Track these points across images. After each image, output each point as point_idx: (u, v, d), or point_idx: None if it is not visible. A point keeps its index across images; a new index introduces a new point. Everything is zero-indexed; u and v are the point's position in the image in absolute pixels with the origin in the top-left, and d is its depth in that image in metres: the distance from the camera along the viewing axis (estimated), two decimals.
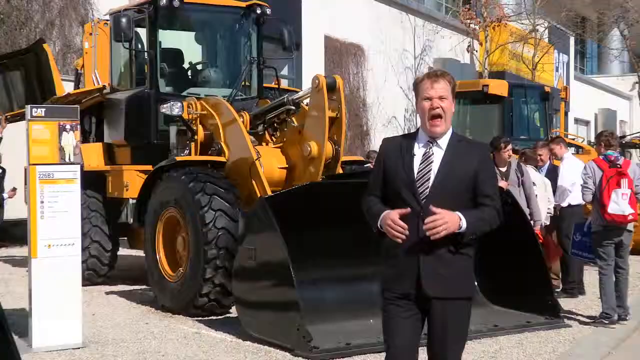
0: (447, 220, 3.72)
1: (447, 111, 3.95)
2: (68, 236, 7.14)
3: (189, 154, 9.70)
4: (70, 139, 7.13)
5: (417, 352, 4.00)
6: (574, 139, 18.74)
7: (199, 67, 11.21)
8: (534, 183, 9.60)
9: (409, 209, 3.83)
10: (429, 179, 3.90)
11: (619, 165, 8.57)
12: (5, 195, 11.59)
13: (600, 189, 8.44)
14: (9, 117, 12.19)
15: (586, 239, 8.93)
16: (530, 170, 9.86)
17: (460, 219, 3.76)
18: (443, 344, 3.95)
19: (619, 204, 8.35)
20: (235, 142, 9.33)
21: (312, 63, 21.92)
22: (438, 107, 3.92)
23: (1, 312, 6.57)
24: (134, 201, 9.81)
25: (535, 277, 8.30)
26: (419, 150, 3.98)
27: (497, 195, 3.99)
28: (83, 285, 7.53)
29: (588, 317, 8.80)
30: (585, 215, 9.93)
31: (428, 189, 3.87)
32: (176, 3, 10.20)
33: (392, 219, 3.84)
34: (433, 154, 3.95)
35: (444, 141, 3.98)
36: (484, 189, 3.93)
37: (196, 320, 8.40)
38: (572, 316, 8.66)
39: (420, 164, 3.94)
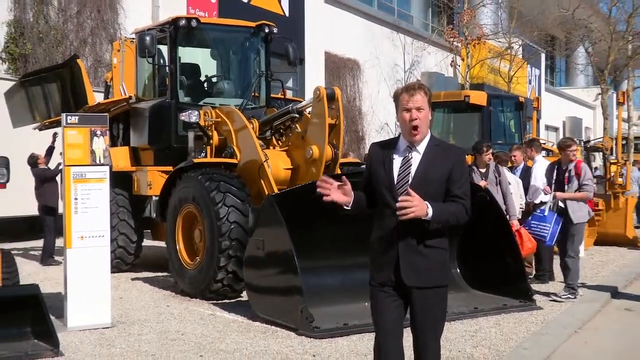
0: (417, 204, 3.69)
1: (424, 120, 3.90)
2: (98, 229, 7.14)
3: (205, 156, 9.69)
4: (101, 143, 7.13)
5: (402, 332, 4.00)
6: (544, 143, 18.68)
7: (214, 79, 11.19)
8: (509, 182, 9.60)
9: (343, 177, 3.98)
10: (407, 181, 3.87)
11: None
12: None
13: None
14: (47, 123, 12.19)
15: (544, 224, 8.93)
16: (503, 170, 9.85)
17: (428, 207, 3.73)
18: (424, 327, 3.94)
19: None
20: (245, 146, 9.31)
21: (314, 76, 21.94)
22: (416, 118, 3.87)
23: (41, 296, 6.61)
24: (157, 198, 9.81)
25: (510, 265, 8.29)
26: (399, 155, 3.95)
27: (466, 196, 3.92)
28: (111, 272, 7.52)
29: (554, 293, 8.86)
30: None
31: (407, 191, 3.83)
32: (194, 23, 10.20)
33: (322, 178, 3.93)
34: (412, 158, 3.91)
35: (422, 146, 3.94)
36: (455, 189, 3.88)
37: (211, 303, 8.40)
38: (544, 300, 8.65)
39: (400, 167, 3.91)
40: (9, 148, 10.33)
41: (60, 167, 11.49)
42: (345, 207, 3.97)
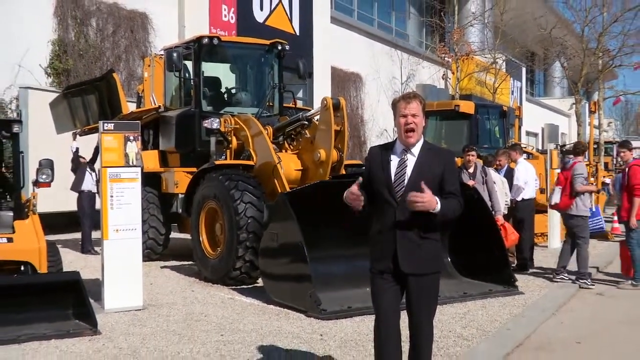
0: (428, 199, 3.68)
1: (419, 125, 3.89)
2: (131, 223, 7.15)
3: (225, 159, 9.70)
4: (133, 147, 7.14)
5: (399, 314, 3.99)
6: (525, 147, 18.64)
7: (233, 91, 11.19)
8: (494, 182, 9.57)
9: (360, 179, 3.90)
10: (403, 181, 3.85)
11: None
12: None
13: None
14: (86, 130, 12.22)
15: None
16: (489, 170, 9.82)
17: (437, 203, 3.73)
18: (419, 309, 3.93)
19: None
20: (261, 150, 9.32)
21: (321, 88, 21.91)
22: (412, 123, 3.86)
23: (81, 281, 6.62)
24: (183, 195, 9.82)
25: (495, 255, 8.27)
26: (396, 157, 3.93)
27: (458, 192, 3.92)
28: (143, 261, 7.53)
29: (540, 275, 8.79)
30: (539, 207, 10.05)
31: (403, 189, 3.83)
32: (215, 41, 10.21)
33: (350, 190, 3.86)
34: (407, 160, 3.90)
35: (416, 149, 3.92)
36: (449, 187, 3.88)
37: (231, 288, 8.40)
38: (525, 286, 8.62)
39: (397, 168, 3.89)
40: (53, 151, 10.35)
41: (73, 150, 11.68)
42: (364, 209, 3.94)
